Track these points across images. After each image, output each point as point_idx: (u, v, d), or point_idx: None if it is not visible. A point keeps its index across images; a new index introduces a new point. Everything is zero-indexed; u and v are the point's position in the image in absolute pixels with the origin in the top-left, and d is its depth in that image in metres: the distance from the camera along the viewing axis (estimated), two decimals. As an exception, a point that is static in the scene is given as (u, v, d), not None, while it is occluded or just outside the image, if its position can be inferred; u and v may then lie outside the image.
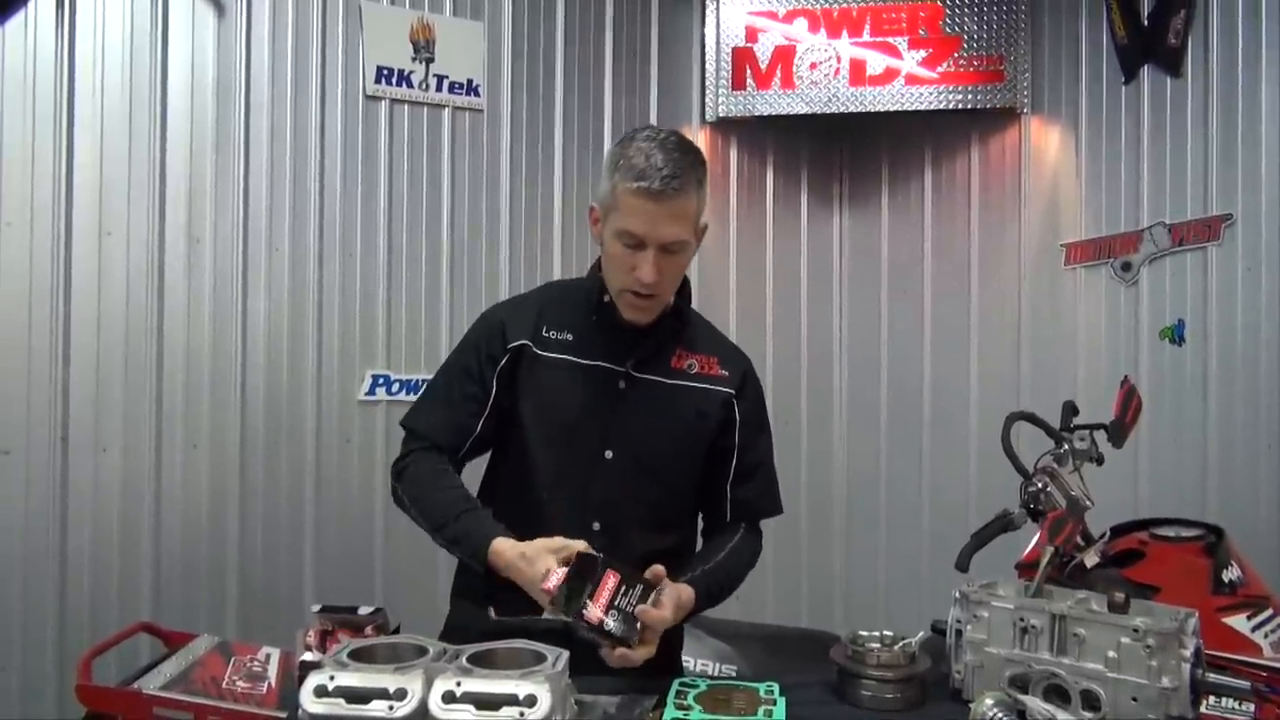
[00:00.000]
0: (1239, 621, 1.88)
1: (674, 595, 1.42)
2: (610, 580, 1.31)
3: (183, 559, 2.55)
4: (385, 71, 2.90)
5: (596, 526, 1.53)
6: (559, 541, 1.39)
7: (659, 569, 1.41)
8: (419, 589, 2.80)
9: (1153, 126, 3.15)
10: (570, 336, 1.59)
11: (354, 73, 2.85)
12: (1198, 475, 3.02)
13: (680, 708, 1.31)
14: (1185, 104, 3.07)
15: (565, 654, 1.14)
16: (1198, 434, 3.03)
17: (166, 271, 2.56)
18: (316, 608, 1.43)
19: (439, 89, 2.99)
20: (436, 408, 1.63)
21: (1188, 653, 1.18)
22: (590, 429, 1.57)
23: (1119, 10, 3.21)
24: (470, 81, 3.04)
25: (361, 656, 1.11)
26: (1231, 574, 1.96)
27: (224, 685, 1.55)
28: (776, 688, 1.38)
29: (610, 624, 1.29)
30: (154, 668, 1.58)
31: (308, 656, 1.34)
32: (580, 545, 1.37)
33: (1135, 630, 1.19)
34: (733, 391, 1.64)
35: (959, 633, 1.36)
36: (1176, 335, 3.11)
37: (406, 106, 2.94)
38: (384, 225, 2.89)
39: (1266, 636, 1.88)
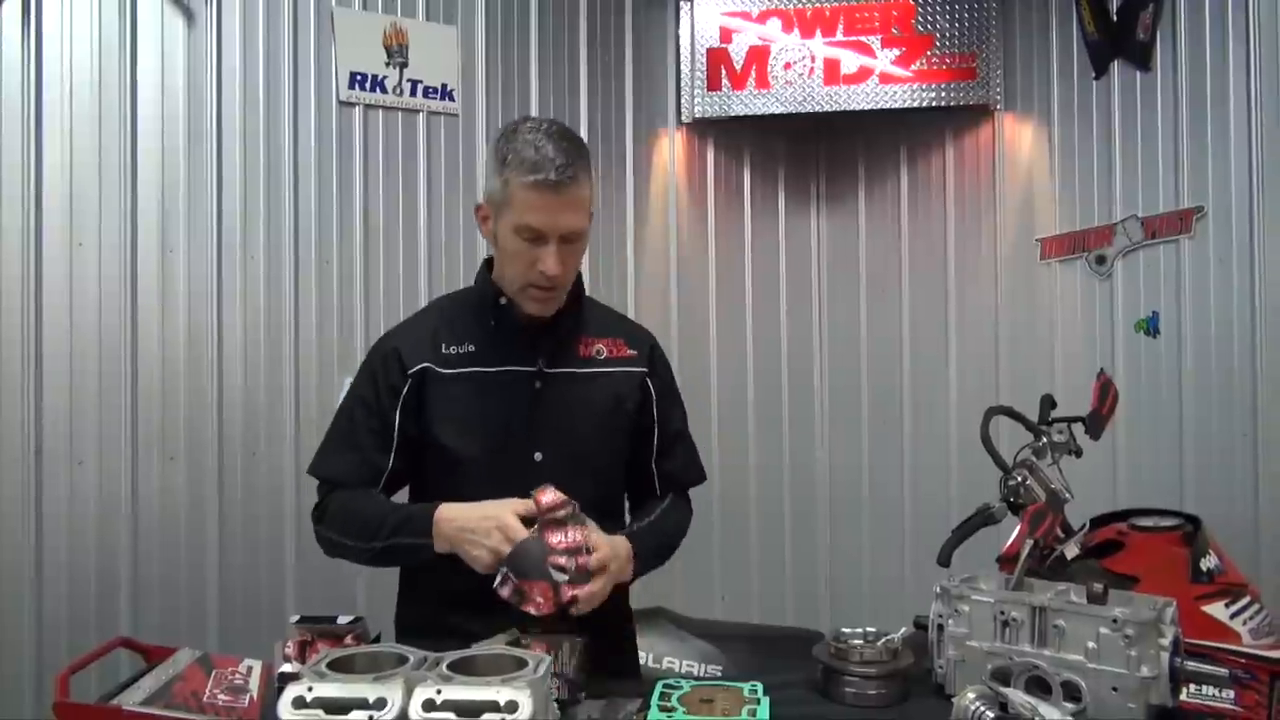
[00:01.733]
0: (1217, 609, 1.91)
1: (611, 542, 1.42)
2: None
3: (161, 571, 2.52)
4: (359, 77, 2.88)
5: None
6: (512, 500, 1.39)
7: None
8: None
9: (1124, 120, 3.18)
10: (473, 347, 1.57)
11: (326, 78, 2.83)
12: (1173, 465, 3.05)
13: (664, 709, 1.31)
14: (1155, 98, 3.10)
15: (547, 659, 1.14)
16: (1173, 425, 3.06)
17: (140, 281, 2.52)
18: (295, 618, 1.42)
19: (413, 94, 2.98)
20: (343, 451, 1.60)
21: (1166, 642, 1.19)
22: (514, 435, 1.55)
23: (1088, 6, 3.24)
24: (444, 86, 3.03)
25: (340, 666, 1.10)
26: (1209, 563, 1.99)
27: (205, 699, 1.53)
28: (760, 687, 1.38)
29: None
30: (134, 683, 1.55)
31: (286, 668, 1.33)
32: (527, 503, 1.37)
33: (1114, 621, 1.20)
34: (645, 370, 1.65)
35: (940, 627, 1.36)
36: (1151, 327, 3.14)
37: (380, 112, 2.92)
38: (360, 230, 2.87)
39: (1245, 623, 1.91)
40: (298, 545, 2.73)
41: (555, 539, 1.31)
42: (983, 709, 1.20)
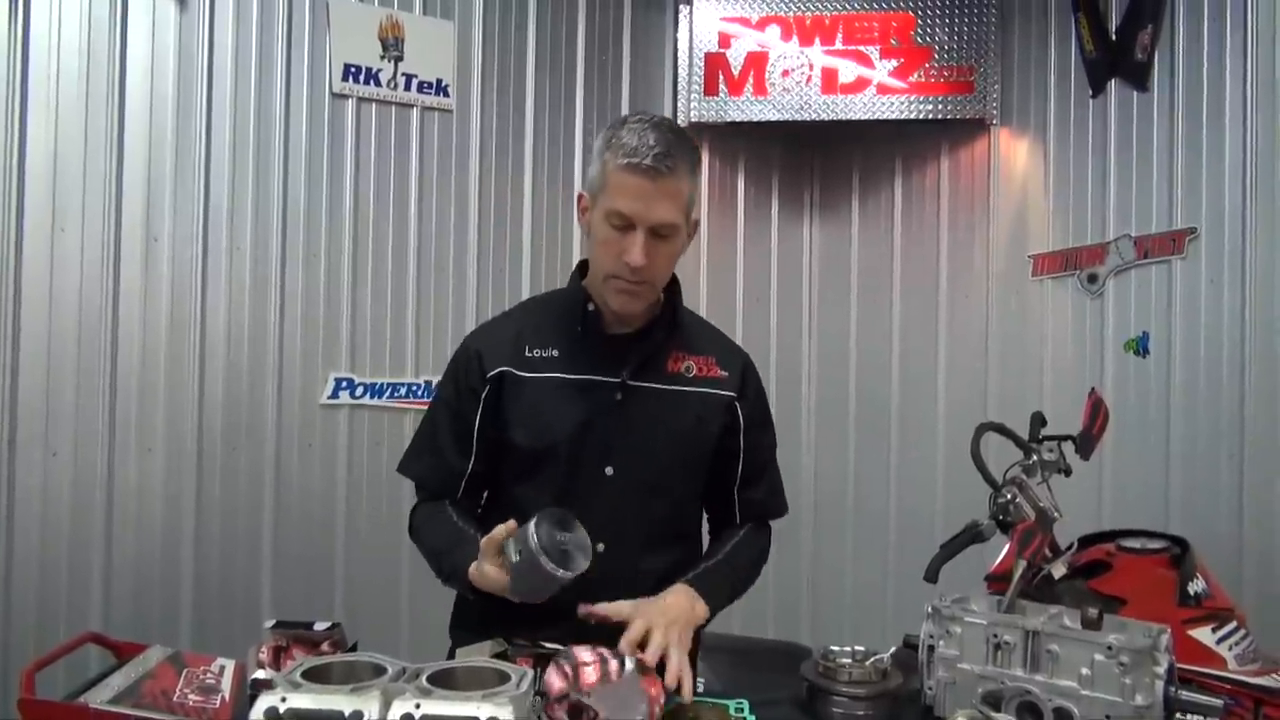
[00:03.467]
0: (1204, 634, 1.89)
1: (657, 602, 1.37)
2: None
3: (135, 567, 2.48)
4: (353, 69, 2.85)
5: (601, 548, 1.42)
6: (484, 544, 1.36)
7: None
8: (381, 598, 2.76)
9: (1119, 140, 3.18)
10: (556, 352, 1.52)
11: (320, 69, 2.80)
12: (1160, 485, 3.04)
13: (648, 726, 1.28)
14: (1151, 118, 3.10)
15: (530, 673, 1.11)
16: (1160, 445, 3.05)
17: (122, 269, 2.49)
18: (270, 623, 1.38)
19: (408, 88, 2.94)
20: (425, 454, 1.59)
21: (1161, 670, 1.17)
22: (588, 446, 1.50)
23: (1088, 24, 3.24)
24: (440, 81, 3.00)
25: (316, 676, 1.06)
26: (1197, 586, 1.97)
27: (175, 699, 1.50)
28: (746, 705, 1.35)
29: None
30: (102, 680, 1.52)
31: (260, 675, 1.29)
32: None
33: (1109, 648, 1.18)
34: (734, 394, 1.58)
35: (931, 648, 1.34)
36: (1141, 347, 3.13)
37: (374, 105, 2.89)
38: (349, 225, 2.84)
39: (1231, 649, 1.89)
40: (275, 542, 2.70)
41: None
42: (972, 733, 1.17)
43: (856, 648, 1.40)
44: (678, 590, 1.45)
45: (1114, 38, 3.18)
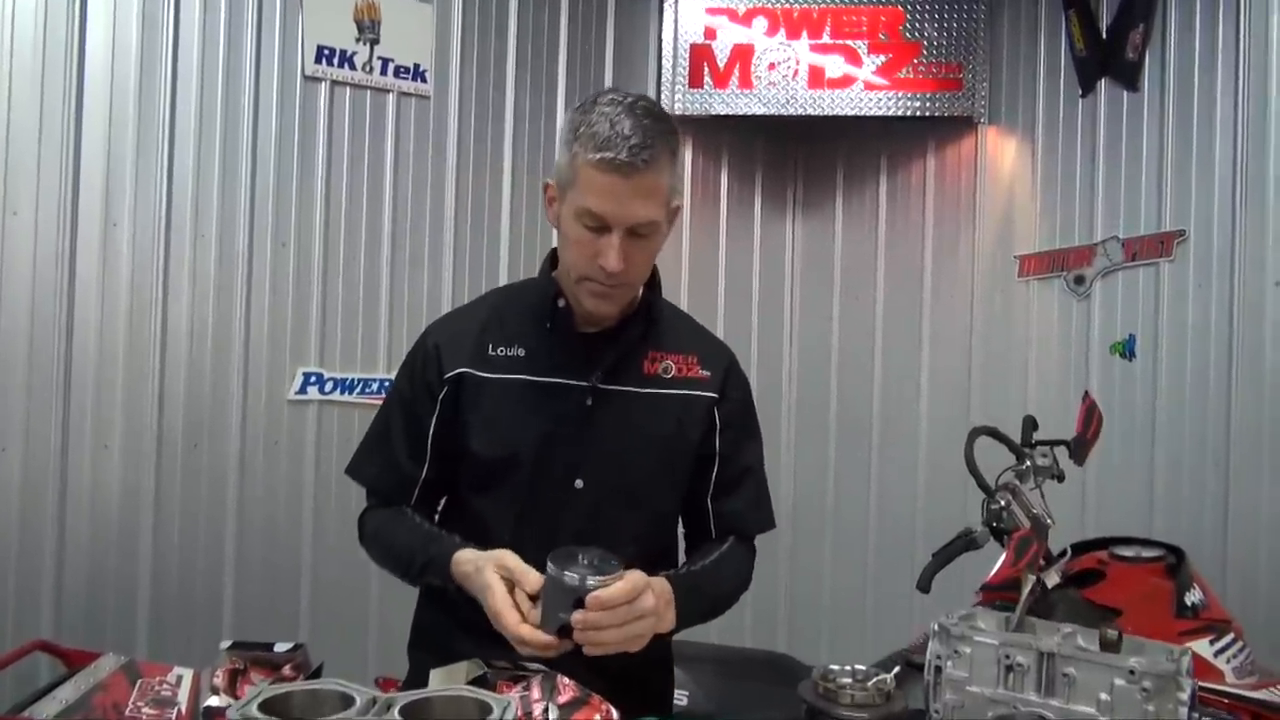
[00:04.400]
0: (1201, 646, 1.83)
1: (636, 579, 1.22)
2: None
3: (89, 570, 2.38)
4: (326, 51, 2.75)
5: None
6: (511, 561, 1.24)
7: None
8: (348, 602, 2.68)
9: (1109, 140, 3.14)
10: (522, 351, 1.40)
11: (292, 51, 2.70)
12: (1144, 490, 3.01)
13: (638, 750, 1.21)
14: (1141, 118, 3.06)
15: (511, 703, 1.02)
16: (1145, 450, 3.02)
17: (79, 255, 2.38)
18: (226, 643, 1.28)
19: (384, 72, 2.85)
20: (375, 457, 1.47)
21: (1185, 696, 1.11)
22: (555, 457, 1.38)
23: (1078, 22, 3.20)
24: (417, 66, 2.90)
25: (275, 707, 0.97)
26: (1193, 597, 1.92)
27: (128, 712, 1.41)
28: (742, 728, 1.28)
29: None
30: (50, 692, 1.43)
31: (213, 701, 1.19)
32: (531, 578, 1.22)
33: (1130, 672, 1.12)
34: (716, 395, 1.46)
35: (938, 669, 1.27)
36: (1127, 350, 3.10)
37: (348, 89, 2.80)
38: (320, 214, 2.74)
39: (1228, 662, 1.85)
40: (238, 544, 2.62)
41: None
42: (983, 760, 1.11)
43: (858, 667, 1.32)
44: (662, 589, 1.29)
45: (1105, 36, 3.14)
